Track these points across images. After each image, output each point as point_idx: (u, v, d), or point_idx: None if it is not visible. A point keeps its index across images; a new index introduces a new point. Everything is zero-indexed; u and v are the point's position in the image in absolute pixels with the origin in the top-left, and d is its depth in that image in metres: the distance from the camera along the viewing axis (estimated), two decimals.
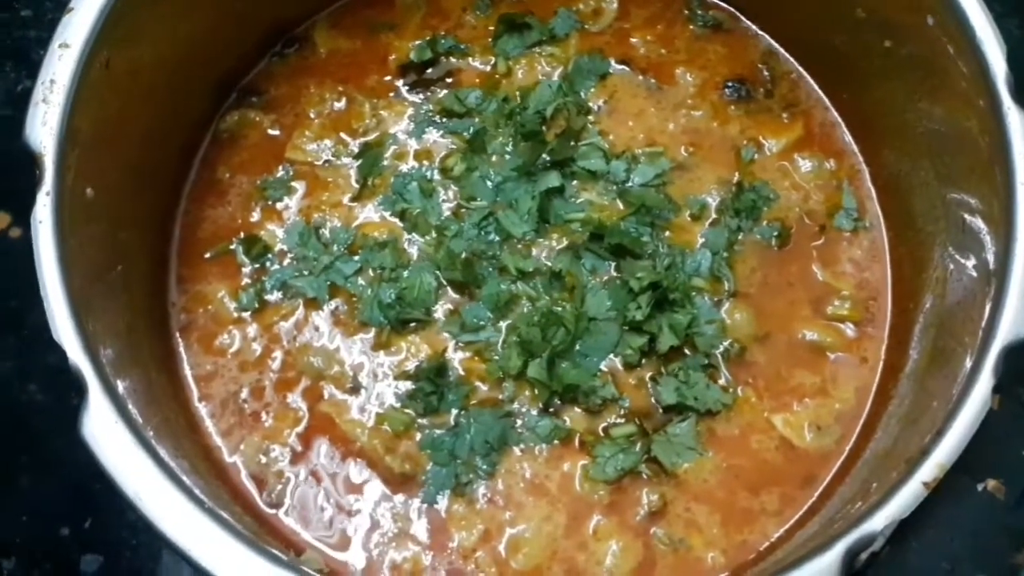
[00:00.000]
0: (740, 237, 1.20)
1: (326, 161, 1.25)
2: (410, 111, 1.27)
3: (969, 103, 1.01)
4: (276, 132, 1.26)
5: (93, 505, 1.20)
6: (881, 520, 0.84)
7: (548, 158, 1.21)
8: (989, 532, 1.16)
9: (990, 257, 0.98)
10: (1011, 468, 1.18)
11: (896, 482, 0.86)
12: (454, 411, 1.11)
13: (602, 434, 1.11)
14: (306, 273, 1.18)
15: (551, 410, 1.12)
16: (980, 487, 1.17)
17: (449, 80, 1.29)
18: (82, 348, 0.89)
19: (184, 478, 0.87)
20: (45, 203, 0.93)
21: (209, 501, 0.87)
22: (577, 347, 1.13)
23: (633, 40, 1.30)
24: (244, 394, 1.14)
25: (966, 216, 1.05)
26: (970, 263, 1.03)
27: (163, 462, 0.86)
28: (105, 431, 0.86)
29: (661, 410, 1.12)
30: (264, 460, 1.11)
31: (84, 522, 1.20)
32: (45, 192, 0.93)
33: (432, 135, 1.25)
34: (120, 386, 0.91)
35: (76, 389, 0.89)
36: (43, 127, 0.95)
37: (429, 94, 1.28)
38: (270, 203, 1.22)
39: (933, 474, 0.86)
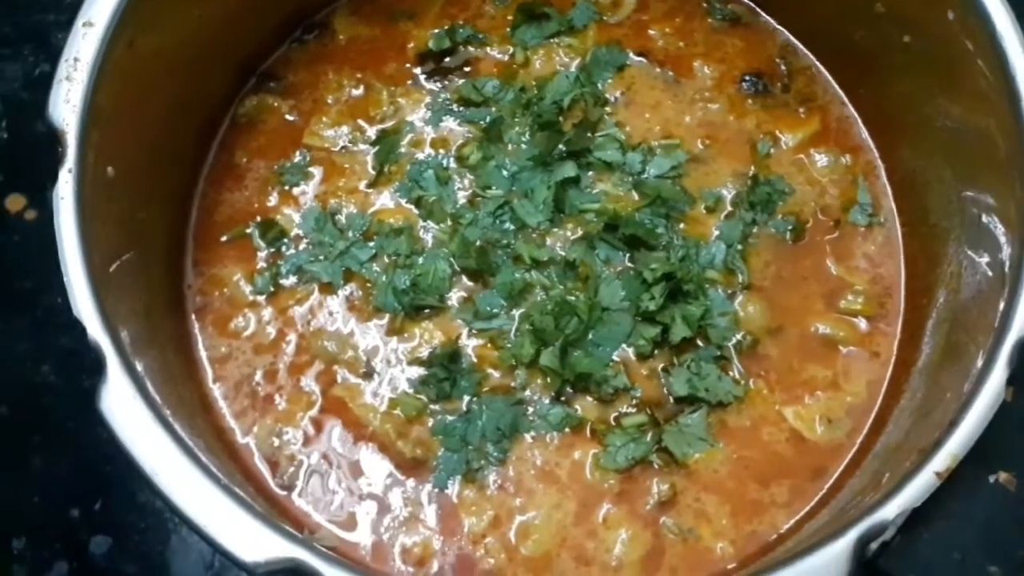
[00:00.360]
0: (755, 230, 1.20)
1: (343, 147, 1.25)
2: (427, 99, 1.27)
3: (988, 101, 1.01)
4: (294, 118, 1.27)
5: (104, 487, 1.20)
6: (893, 509, 0.84)
7: (564, 148, 1.21)
8: (1000, 524, 1.16)
9: (1005, 257, 0.98)
10: (1023, 461, 1.18)
11: (908, 472, 0.86)
12: (466, 397, 1.12)
13: (613, 423, 1.11)
14: (321, 258, 1.19)
15: (563, 398, 1.12)
16: (992, 479, 1.17)
17: (467, 69, 1.29)
18: (101, 324, 0.89)
19: (201, 456, 0.87)
20: (67, 180, 0.93)
21: (225, 479, 0.87)
22: (590, 336, 1.13)
23: (651, 32, 1.31)
24: (258, 377, 1.14)
25: (981, 214, 1.05)
26: (984, 260, 1.03)
27: (180, 439, 0.87)
28: (123, 406, 0.87)
29: (672, 401, 1.12)
30: (277, 443, 1.11)
31: (94, 504, 1.20)
32: (67, 169, 0.93)
33: (449, 123, 1.26)
34: (138, 365, 0.91)
35: (90, 370, 0.88)
36: (66, 104, 0.95)
37: (447, 83, 1.28)
38: (287, 188, 1.23)
39: (945, 464, 0.86)
